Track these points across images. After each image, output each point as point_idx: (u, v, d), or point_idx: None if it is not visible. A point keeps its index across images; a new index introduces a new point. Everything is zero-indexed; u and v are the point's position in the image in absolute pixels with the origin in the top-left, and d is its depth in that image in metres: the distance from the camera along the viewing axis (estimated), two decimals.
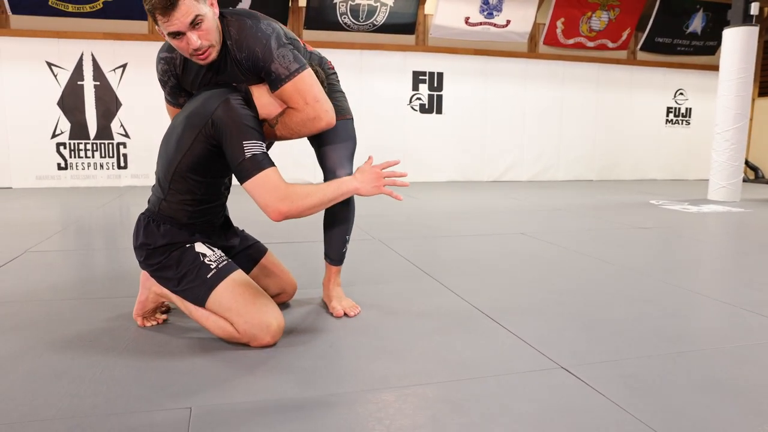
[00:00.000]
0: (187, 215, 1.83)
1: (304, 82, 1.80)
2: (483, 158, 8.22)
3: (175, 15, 1.62)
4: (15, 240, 3.44)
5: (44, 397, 1.41)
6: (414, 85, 7.83)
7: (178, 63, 1.90)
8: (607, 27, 8.32)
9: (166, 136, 1.87)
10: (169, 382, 1.51)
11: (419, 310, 2.17)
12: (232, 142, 1.69)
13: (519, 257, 3.13)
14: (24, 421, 1.29)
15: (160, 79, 1.97)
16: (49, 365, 1.61)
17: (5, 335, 1.85)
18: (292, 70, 1.78)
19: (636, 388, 1.49)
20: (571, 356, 1.72)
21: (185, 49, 1.73)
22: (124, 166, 7.07)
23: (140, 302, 1.93)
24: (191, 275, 1.78)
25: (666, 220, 4.60)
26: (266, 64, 1.78)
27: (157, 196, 1.86)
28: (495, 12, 7.72)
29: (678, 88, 9.07)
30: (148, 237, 1.83)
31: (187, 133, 1.74)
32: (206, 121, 1.70)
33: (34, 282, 2.51)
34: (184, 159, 1.76)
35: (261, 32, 1.78)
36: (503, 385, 1.51)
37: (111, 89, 6.92)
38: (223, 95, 1.74)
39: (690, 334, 1.95)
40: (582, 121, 8.61)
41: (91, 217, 4.51)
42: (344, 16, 7.28)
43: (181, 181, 1.79)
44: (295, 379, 1.55)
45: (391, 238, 3.55)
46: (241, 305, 1.74)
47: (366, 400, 1.43)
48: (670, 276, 2.75)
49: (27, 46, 6.60)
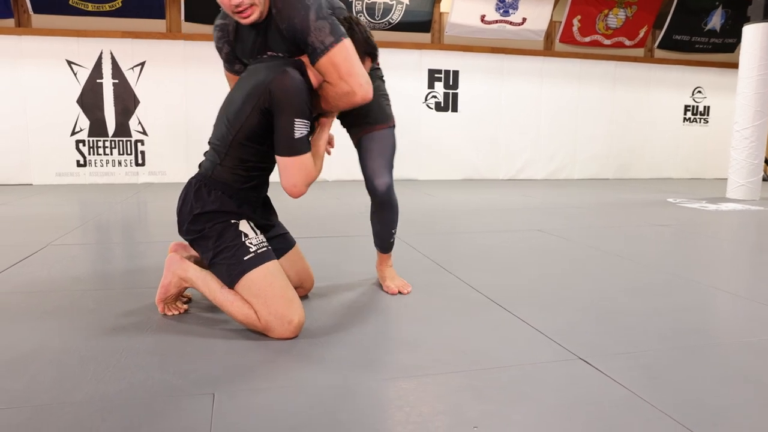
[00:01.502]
0: (241, 180, 1.87)
1: (338, 55, 1.79)
2: (498, 156, 8.20)
3: None
4: (37, 234, 3.49)
5: (72, 382, 1.44)
6: (429, 83, 7.84)
7: (231, 30, 1.98)
8: (624, 24, 8.26)
9: (225, 103, 1.91)
10: (192, 369, 1.53)
11: (437, 303, 2.18)
12: (285, 116, 1.74)
13: (536, 253, 3.13)
14: (54, 403, 1.32)
15: (216, 46, 2.05)
16: (75, 351, 1.64)
17: (32, 323, 1.89)
18: (327, 43, 1.78)
19: (655, 379, 1.49)
20: (590, 348, 1.72)
21: (227, 5, 1.77)
22: (141, 164, 7.14)
23: (163, 286, 1.95)
24: (229, 252, 1.80)
25: (684, 218, 4.57)
26: (304, 36, 1.79)
27: (212, 160, 1.89)
28: (511, 10, 7.70)
29: (696, 85, 8.99)
30: (198, 200, 1.86)
31: (247, 104, 1.78)
32: (263, 90, 1.74)
33: (56, 273, 2.56)
34: (243, 128, 1.80)
35: (301, 3, 1.78)
36: (524, 375, 1.52)
37: (129, 87, 7.00)
38: (281, 66, 1.78)
39: (708, 328, 1.94)
40: (598, 119, 8.57)
41: (110, 213, 4.57)
42: (360, 14, 7.30)
43: (239, 147, 1.83)
44: (317, 367, 1.56)
45: (408, 234, 3.56)
46: (269, 296, 1.76)
47: (386, 389, 1.44)
48: (687, 271, 2.74)
49: (48, 45, 6.69)
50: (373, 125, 2.13)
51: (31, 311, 2.02)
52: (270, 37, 1.89)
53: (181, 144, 7.14)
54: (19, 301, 2.13)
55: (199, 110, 7.03)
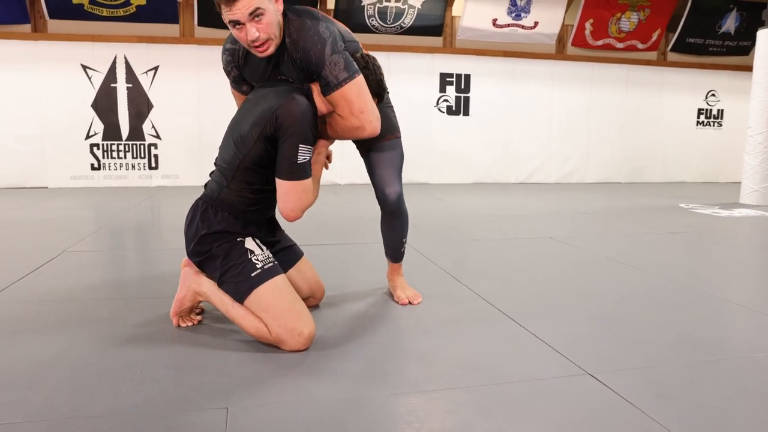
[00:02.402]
0: (248, 202, 1.91)
1: (351, 91, 1.86)
2: (510, 160, 8.20)
3: (237, 5, 1.71)
4: (53, 239, 3.55)
5: (89, 395, 1.47)
6: (441, 87, 7.85)
7: (240, 55, 2.00)
8: (637, 28, 8.23)
9: (232, 126, 1.94)
10: (206, 382, 1.56)
11: (447, 314, 2.20)
12: (290, 140, 1.77)
13: (547, 262, 3.14)
14: (71, 417, 1.35)
15: (225, 69, 2.07)
16: (92, 363, 1.68)
17: (49, 334, 1.92)
18: (341, 78, 1.83)
19: (663, 397, 1.50)
20: (598, 362, 1.73)
21: (243, 40, 1.80)
22: (155, 167, 7.21)
23: (178, 300, 1.98)
24: (236, 270, 1.84)
25: (696, 225, 4.55)
26: (318, 69, 1.84)
27: (218, 182, 1.93)
28: (523, 14, 7.70)
29: (710, 89, 8.94)
30: (204, 221, 1.89)
31: (253, 130, 1.81)
32: (270, 117, 1.78)
33: (72, 282, 2.60)
34: (249, 153, 1.84)
35: (318, 36, 1.83)
36: (531, 391, 1.54)
37: (143, 91, 7.07)
38: (288, 92, 1.81)
39: (719, 343, 1.95)
40: (611, 122, 8.54)
41: (124, 217, 4.62)
42: (372, 18, 7.33)
43: (246, 171, 1.87)
44: (327, 381, 1.59)
45: (419, 242, 3.58)
46: (278, 310, 1.79)
47: (397, 404, 1.46)
48: (699, 282, 2.74)
49: (63, 50, 6.77)
50: (381, 136, 2.15)
51: (48, 321, 2.06)
52: (282, 64, 1.92)
53: (193, 147, 7.20)
54: (37, 311, 2.17)
55: (211, 114, 7.08)
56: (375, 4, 7.23)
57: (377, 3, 7.23)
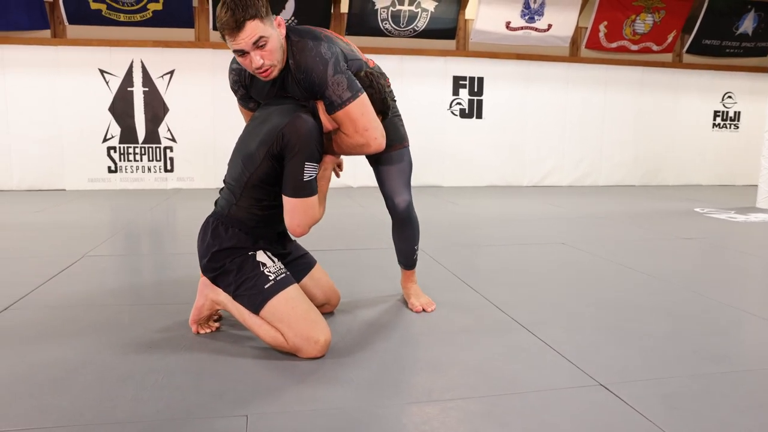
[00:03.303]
0: (256, 219, 1.95)
1: (355, 110, 1.90)
2: (523, 163, 8.20)
3: (240, 36, 1.75)
4: (73, 243, 3.61)
5: (112, 401, 1.52)
6: (454, 90, 7.86)
7: (246, 75, 2.05)
8: (652, 30, 8.19)
9: (239, 144, 1.99)
10: (226, 390, 1.60)
11: (461, 322, 2.22)
12: (296, 158, 1.82)
13: (559, 268, 3.15)
14: (96, 423, 1.40)
15: (231, 87, 2.13)
16: (115, 370, 1.72)
17: (72, 340, 1.98)
18: (344, 98, 1.87)
19: (676, 409, 1.52)
20: (611, 373, 1.75)
21: (248, 66, 1.85)
22: (170, 170, 7.29)
23: (197, 308, 2.03)
24: (250, 283, 1.88)
25: (711, 230, 4.53)
26: (321, 89, 1.88)
27: (228, 200, 1.97)
28: (536, 16, 7.69)
29: (726, 91, 8.87)
30: (215, 239, 1.94)
31: (260, 149, 1.86)
32: (276, 135, 1.82)
33: (92, 287, 2.66)
34: (257, 172, 1.88)
35: (320, 57, 1.87)
36: (543, 401, 1.56)
37: (159, 95, 7.15)
38: (294, 110, 1.86)
39: (734, 354, 1.95)
40: (625, 125, 8.50)
41: (141, 221, 4.69)
42: (385, 21, 7.36)
43: (254, 188, 1.91)
44: (343, 390, 1.62)
45: (431, 246, 3.60)
46: (293, 319, 1.83)
47: (411, 413, 1.49)
48: (713, 291, 2.74)
49: (81, 55, 6.87)
50: (389, 146, 2.17)
51: (71, 326, 2.11)
52: (287, 84, 1.97)
53: (208, 151, 7.27)
54: (60, 316, 2.23)
55: (226, 118, 7.14)
56: (388, 7, 7.26)
57: (390, 6, 7.26)
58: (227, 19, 1.74)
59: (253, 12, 1.74)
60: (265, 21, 1.78)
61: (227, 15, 1.74)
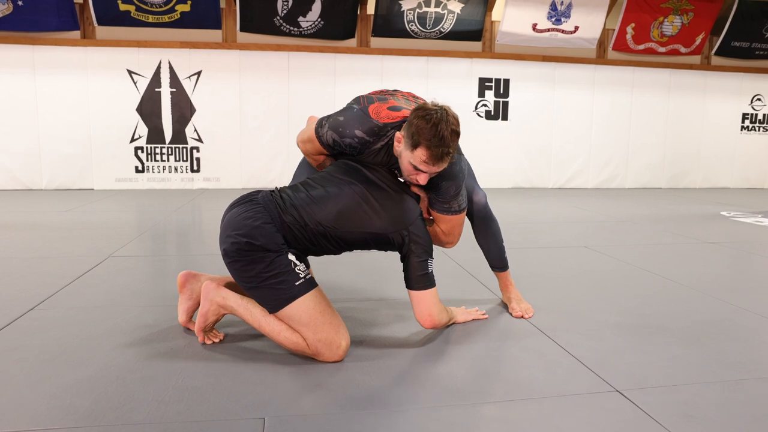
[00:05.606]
0: (310, 242, 1.97)
1: (451, 222, 2.14)
2: (549, 165, 8.13)
3: (436, 165, 1.90)
4: (100, 243, 3.68)
5: (134, 402, 1.55)
6: (480, 92, 7.83)
7: (369, 147, 2.06)
8: (680, 32, 8.06)
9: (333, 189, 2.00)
10: (244, 392, 1.62)
11: (479, 327, 2.22)
12: (420, 256, 1.99)
13: (581, 273, 3.13)
14: (118, 424, 1.43)
15: (333, 145, 2.09)
16: (137, 371, 1.76)
17: (97, 341, 2.02)
18: (453, 209, 2.10)
19: (692, 416, 1.50)
20: (628, 379, 1.74)
21: (411, 174, 1.96)
22: (196, 170, 7.38)
23: (202, 315, 1.99)
24: (280, 277, 1.85)
25: (737, 235, 4.45)
26: (441, 194, 2.06)
27: (296, 217, 1.93)
28: (563, 18, 7.63)
29: (755, 93, 8.70)
30: (259, 231, 1.87)
31: (371, 227, 1.97)
32: (402, 228, 1.98)
33: (117, 287, 2.71)
34: (350, 235, 1.97)
35: (459, 171, 2.06)
36: (559, 407, 1.55)
37: (186, 95, 7.24)
38: (409, 199, 2.04)
39: (754, 361, 1.92)
40: (652, 127, 8.39)
41: (167, 221, 4.76)
42: (411, 23, 7.37)
43: (333, 237, 1.97)
44: (361, 393, 1.63)
45: (455, 250, 3.59)
46: (319, 323, 1.84)
47: (429, 417, 1.50)
48: (736, 297, 2.69)
49: (110, 56, 6.99)
50: None
51: (96, 327, 2.15)
52: (393, 163, 2.08)
53: (234, 151, 7.35)
54: (85, 317, 2.27)
55: (252, 119, 7.23)
56: (414, 9, 7.27)
57: (417, 8, 7.27)
58: (436, 151, 1.85)
59: (452, 153, 1.90)
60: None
61: (439, 146, 1.85)
